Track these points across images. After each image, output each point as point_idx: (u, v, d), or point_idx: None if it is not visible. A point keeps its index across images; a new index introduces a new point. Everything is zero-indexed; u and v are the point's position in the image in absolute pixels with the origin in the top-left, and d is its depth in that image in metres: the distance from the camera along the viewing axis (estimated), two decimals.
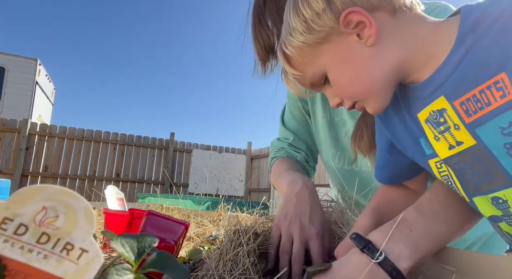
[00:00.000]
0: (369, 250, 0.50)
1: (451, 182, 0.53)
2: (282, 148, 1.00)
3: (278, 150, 1.00)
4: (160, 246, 0.60)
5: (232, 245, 0.60)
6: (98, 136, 7.28)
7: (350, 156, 0.93)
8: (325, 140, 0.98)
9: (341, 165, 0.96)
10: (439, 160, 0.53)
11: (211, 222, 1.23)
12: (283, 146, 1.00)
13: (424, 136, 0.53)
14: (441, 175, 0.54)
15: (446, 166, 0.52)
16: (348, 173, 0.94)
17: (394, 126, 0.59)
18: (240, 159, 8.62)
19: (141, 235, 0.38)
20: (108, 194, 1.11)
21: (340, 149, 0.96)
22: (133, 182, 7.50)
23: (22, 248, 0.26)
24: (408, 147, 0.58)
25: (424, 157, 0.55)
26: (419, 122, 0.53)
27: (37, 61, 7.71)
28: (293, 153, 0.98)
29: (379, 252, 0.49)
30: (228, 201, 1.50)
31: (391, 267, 0.48)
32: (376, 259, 0.48)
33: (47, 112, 9.14)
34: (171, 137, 8.03)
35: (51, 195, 0.27)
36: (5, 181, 1.22)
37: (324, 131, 0.98)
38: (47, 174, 6.69)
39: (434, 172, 0.55)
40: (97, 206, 1.42)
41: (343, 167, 0.95)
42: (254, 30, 0.75)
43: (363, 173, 0.91)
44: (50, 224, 0.27)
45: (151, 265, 0.35)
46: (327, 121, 0.97)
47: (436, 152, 0.52)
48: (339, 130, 0.95)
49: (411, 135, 0.56)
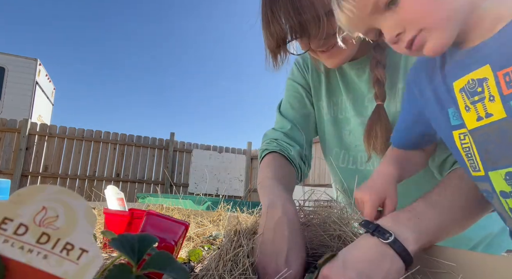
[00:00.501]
0: (379, 233, 0.53)
1: (471, 154, 0.54)
2: (275, 139, 0.91)
3: (271, 141, 0.91)
4: (160, 246, 0.60)
5: (232, 245, 0.60)
6: (98, 136, 7.28)
7: (354, 155, 0.91)
8: (329, 138, 0.95)
9: (345, 164, 0.93)
10: (465, 131, 0.53)
11: (211, 222, 1.23)
12: (277, 136, 0.91)
13: (455, 105, 0.53)
14: (463, 147, 0.55)
15: (470, 137, 0.53)
16: (352, 172, 0.91)
17: (425, 94, 0.59)
18: (240, 159, 8.63)
19: (141, 235, 0.38)
20: (108, 194, 1.11)
21: (344, 148, 0.93)
22: (133, 182, 7.50)
23: (22, 248, 0.26)
24: (435, 116, 0.58)
25: (449, 128, 0.56)
26: (452, 91, 0.53)
27: (37, 61, 7.71)
28: (286, 146, 0.89)
29: (389, 233, 0.52)
30: (228, 201, 1.50)
31: (401, 248, 0.51)
32: (387, 240, 0.51)
33: (47, 112, 9.15)
34: (171, 138, 8.03)
35: (51, 195, 0.27)
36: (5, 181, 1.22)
37: (328, 129, 0.95)
38: (47, 174, 6.69)
39: (456, 143, 0.56)
40: (97, 206, 1.42)
41: (347, 166, 0.92)
42: (266, 21, 0.72)
43: (368, 172, 0.88)
44: (50, 224, 0.27)
45: (151, 265, 0.35)
46: (331, 118, 0.94)
47: (465, 122, 0.52)
48: (343, 129, 0.92)
49: (440, 104, 0.56)
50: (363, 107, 0.86)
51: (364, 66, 0.84)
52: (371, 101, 0.84)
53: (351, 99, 0.89)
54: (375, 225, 0.54)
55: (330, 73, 0.94)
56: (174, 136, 8.08)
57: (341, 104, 0.92)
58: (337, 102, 0.93)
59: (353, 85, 0.88)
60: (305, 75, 0.98)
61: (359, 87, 0.87)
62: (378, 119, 0.77)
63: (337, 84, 0.92)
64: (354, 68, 0.86)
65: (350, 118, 0.90)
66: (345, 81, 0.90)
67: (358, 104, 0.87)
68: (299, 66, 0.99)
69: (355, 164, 0.91)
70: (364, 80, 0.85)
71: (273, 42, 0.72)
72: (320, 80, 0.96)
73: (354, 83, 0.88)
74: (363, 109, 0.86)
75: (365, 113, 0.85)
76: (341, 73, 0.91)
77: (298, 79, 0.99)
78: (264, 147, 0.92)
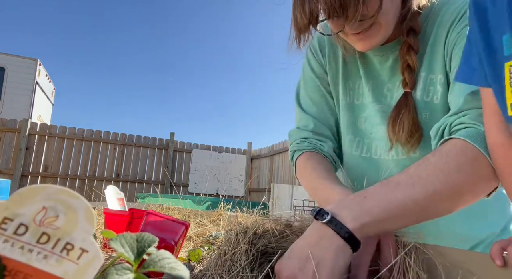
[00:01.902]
0: (318, 214, 0.53)
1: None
2: (305, 138, 0.89)
3: (301, 140, 0.89)
4: (160, 246, 0.60)
5: (231, 245, 0.60)
6: (98, 136, 7.28)
7: (369, 143, 0.87)
8: (344, 124, 0.92)
9: (358, 152, 0.89)
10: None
11: (211, 222, 1.24)
12: (305, 135, 0.90)
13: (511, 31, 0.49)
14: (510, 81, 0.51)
15: None
16: (366, 161, 0.88)
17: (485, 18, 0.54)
18: (240, 159, 8.63)
19: (141, 234, 0.38)
20: (108, 194, 1.11)
21: (359, 135, 0.89)
22: (133, 182, 7.50)
23: (22, 248, 0.26)
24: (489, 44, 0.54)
25: (502, 59, 0.52)
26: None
27: (37, 61, 7.71)
28: (317, 144, 0.88)
29: (327, 213, 0.53)
30: (228, 201, 1.50)
31: (339, 226, 0.51)
32: (324, 220, 0.52)
33: (47, 112, 9.15)
34: (171, 138, 8.03)
35: (51, 195, 0.27)
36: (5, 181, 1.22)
37: (343, 115, 0.91)
38: (47, 174, 6.69)
39: (505, 76, 0.51)
40: (97, 206, 1.42)
41: (361, 154, 0.89)
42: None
43: (382, 162, 0.85)
44: (50, 224, 0.27)
45: (151, 265, 0.35)
46: (347, 104, 0.90)
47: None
48: (358, 115, 0.89)
49: (495, 30, 0.52)
50: (382, 95, 0.84)
51: (389, 53, 0.82)
52: (390, 90, 0.82)
53: (371, 86, 0.86)
54: (319, 209, 0.55)
55: (348, 58, 0.90)
56: (174, 137, 8.08)
57: (358, 89, 0.89)
58: (354, 88, 0.90)
59: (374, 72, 0.86)
60: (321, 62, 0.94)
61: (380, 75, 0.85)
62: (406, 107, 0.75)
63: (356, 69, 0.89)
64: (378, 54, 0.84)
65: (367, 104, 0.87)
66: (367, 67, 0.87)
67: (378, 92, 0.85)
68: (314, 52, 0.95)
69: (369, 152, 0.88)
70: (387, 67, 0.83)
71: (305, 20, 0.68)
72: (338, 64, 0.92)
73: (376, 70, 0.86)
74: (382, 97, 0.84)
75: (384, 102, 0.83)
76: (362, 58, 0.88)
77: (315, 67, 0.95)
78: (295, 148, 0.89)
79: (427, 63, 0.77)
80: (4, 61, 7.39)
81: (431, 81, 0.77)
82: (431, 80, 0.77)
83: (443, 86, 0.75)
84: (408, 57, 0.76)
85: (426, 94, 0.77)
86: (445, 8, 0.75)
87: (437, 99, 0.76)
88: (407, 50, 0.76)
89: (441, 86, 0.75)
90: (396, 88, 0.81)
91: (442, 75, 0.75)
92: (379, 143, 0.85)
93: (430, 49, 0.77)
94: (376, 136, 0.85)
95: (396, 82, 0.82)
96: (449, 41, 0.73)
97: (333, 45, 0.92)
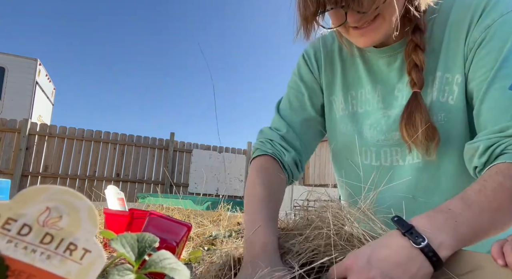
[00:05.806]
0: (411, 235, 0.50)
1: None
2: (271, 140, 0.87)
3: (266, 141, 0.88)
4: (161, 247, 0.60)
5: (231, 245, 0.60)
6: (98, 136, 7.28)
7: (377, 151, 0.85)
8: (347, 135, 0.89)
9: (368, 161, 0.87)
10: None
11: (211, 222, 1.24)
12: (273, 137, 0.88)
13: None
14: None
15: None
16: (376, 170, 0.85)
17: None
18: (240, 159, 8.63)
19: (141, 234, 0.38)
20: (108, 194, 1.11)
21: (365, 144, 0.86)
22: (133, 182, 7.50)
23: (26, 248, 0.26)
24: None
25: None
26: None
27: (37, 61, 7.71)
28: (280, 150, 0.86)
29: (422, 238, 0.49)
30: (228, 201, 1.51)
31: (432, 254, 0.48)
32: (419, 245, 0.49)
33: (47, 112, 9.15)
34: (171, 138, 8.03)
35: (54, 195, 0.27)
36: (5, 181, 1.22)
37: (346, 126, 0.89)
38: (47, 174, 6.69)
39: None
40: (97, 206, 1.41)
41: (371, 163, 0.86)
42: None
43: (393, 168, 0.83)
44: (54, 224, 0.27)
45: (152, 265, 0.35)
46: (349, 114, 0.88)
47: None
48: (363, 124, 0.86)
49: None
50: (393, 98, 0.82)
51: (397, 53, 0.80)
52: (401, 90, 0.80)
53: (379, 90, 0.84)
54: (409, 225, 0.51)
55: (347, 65, 0.89)
56: (174, 136, 8.08)
57: (361, 97, 0.87)
58: (356, 96, 0.87)
59: (381, 75, 0.84)
60: (313, 70, 0.93)
61: (388, 77, 0.82)
62: (417, 105, 0.72)
63: (357, 76, 0.87)
64: (385, 56, 0.81)
65: (370, 111, 0.85)
66: (372, 72, 0.85)
67: (388, 95, 0.83)
68: (307, 59, 0.94)
69: (378, 160, 0.85)
70: (395, 68, 0.81)
71: (313, 8, 0.67)
72: (335, 73, 0.90)
73: (383, 73, 0.83)
74: (394, 100, 0.81)
75: (396, 104, 0.81)
76: (366, 64, 0.86)
77: (304, 75, 0.93)
78: (258, 146, 0.88)
79: (443, 63, 0.75)
80: (4, 61, 7.39)
81: (447, 81, 0.74)
82: (446, 79, 0.74)
83: (459, 87, 0.73)
84: (415, 56, 0.74)
85: (441, 95, 0.75)
86: (456, 7, 0.73)
87: (452, 100, 0.74)
88: (414, 49, 0.74)
89: (457, 87, 0.73)
90: (407, 88, 0.79)
91: (460, 75, 0.72)
92: (388, 150, 0.83)
93: (446, 49, 0.74)
94: (385, 143, 0.83)
95: (406, 82, 0.79)
96: (470, 39, 0.70)
97: (329, 56, 0.90)
